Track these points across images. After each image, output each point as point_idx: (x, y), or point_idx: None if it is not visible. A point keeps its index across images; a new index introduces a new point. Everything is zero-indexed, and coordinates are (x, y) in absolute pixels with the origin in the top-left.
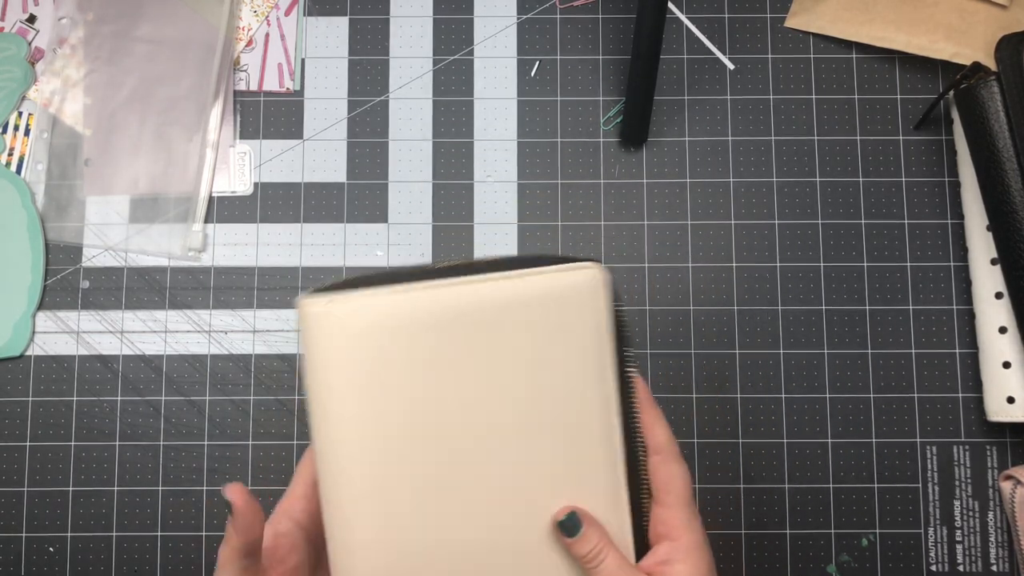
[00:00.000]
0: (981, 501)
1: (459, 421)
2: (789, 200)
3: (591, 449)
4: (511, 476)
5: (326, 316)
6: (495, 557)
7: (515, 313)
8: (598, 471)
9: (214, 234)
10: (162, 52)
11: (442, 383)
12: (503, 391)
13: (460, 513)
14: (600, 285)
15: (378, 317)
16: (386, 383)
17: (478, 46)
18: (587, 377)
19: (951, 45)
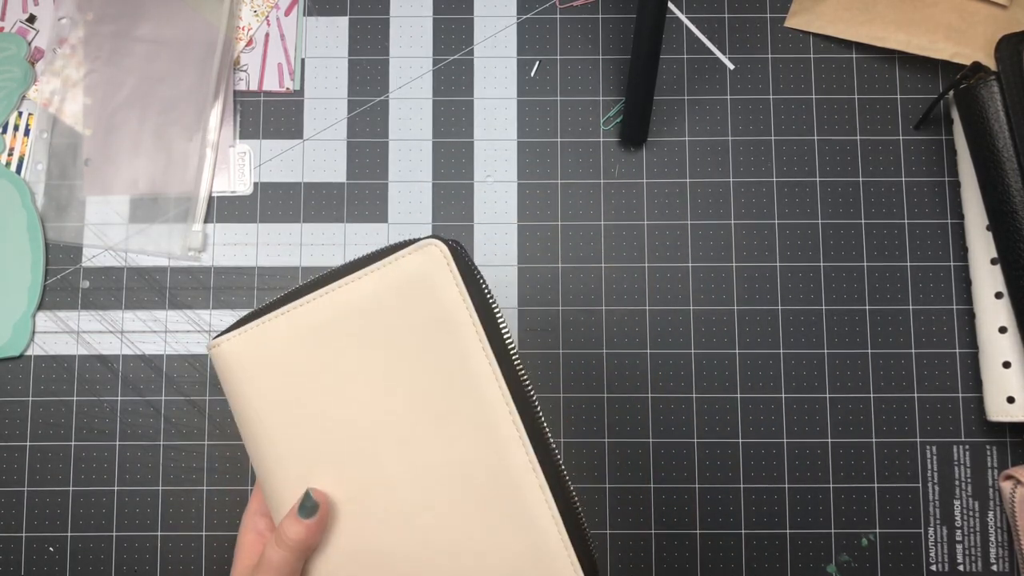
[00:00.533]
0: (981, 501)
1: (358, 411)
2: (789, 200)
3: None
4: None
5: (218, 355)
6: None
7: (373, 309)
8: (497, 444)
9: (214, 234)
10: (162, 52)
11: (342, 396)
12: (390, 380)
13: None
14: (444, 259)
15: (256, 345)
16: (286, 404)
17: (478, 46)
18: (463, 351)
19: (951, 45)
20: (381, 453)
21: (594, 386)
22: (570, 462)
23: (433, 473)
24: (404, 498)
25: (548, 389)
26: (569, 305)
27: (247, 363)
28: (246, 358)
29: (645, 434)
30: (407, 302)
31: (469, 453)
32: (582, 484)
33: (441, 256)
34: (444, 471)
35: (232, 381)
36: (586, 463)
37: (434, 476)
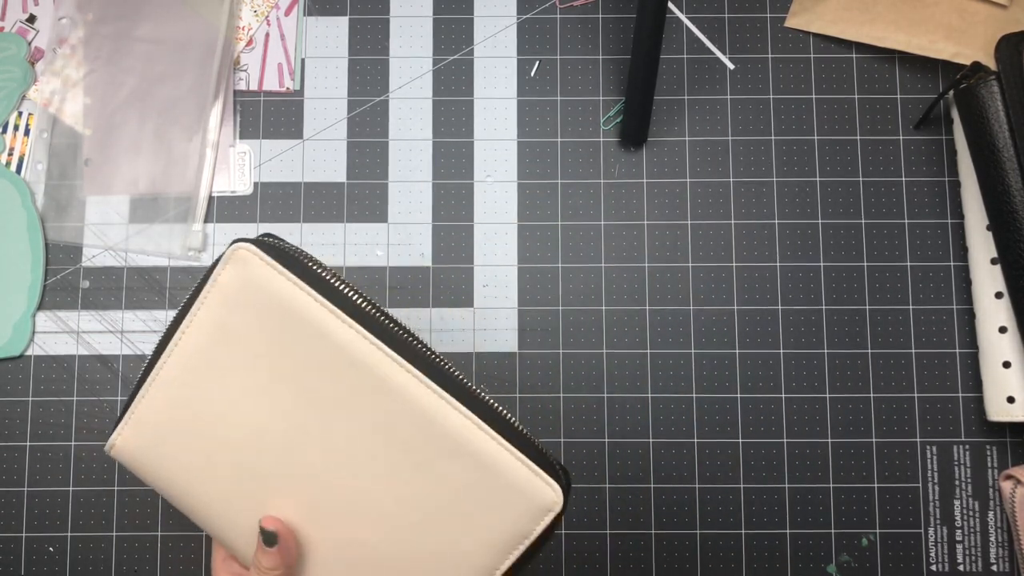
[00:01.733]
0: (981, 501)
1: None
2: (789, 200)
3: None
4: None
5: (118, 455)
6: None
7: (223, 336)
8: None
9: (214, 234)
10: (162, 52)
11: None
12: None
13: None
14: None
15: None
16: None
17: (478, 46)
18: (321, 328)
19: (951, 45)
20: (306, 457)
21: (594, 386)
22: (570, 462)
23: (361, 449)
24: (350, 484)
25: (548, 389)
26: (569, 305)
27: (145, 449)
28: (142, 445)
29: (645, 434)
30: (248, 313)
31: (381, 416)
32: (582, 484)
33: (250, 255)
34: (370, 443)
35: (141, 471)
36: (586, 463)
37: (364, 451)
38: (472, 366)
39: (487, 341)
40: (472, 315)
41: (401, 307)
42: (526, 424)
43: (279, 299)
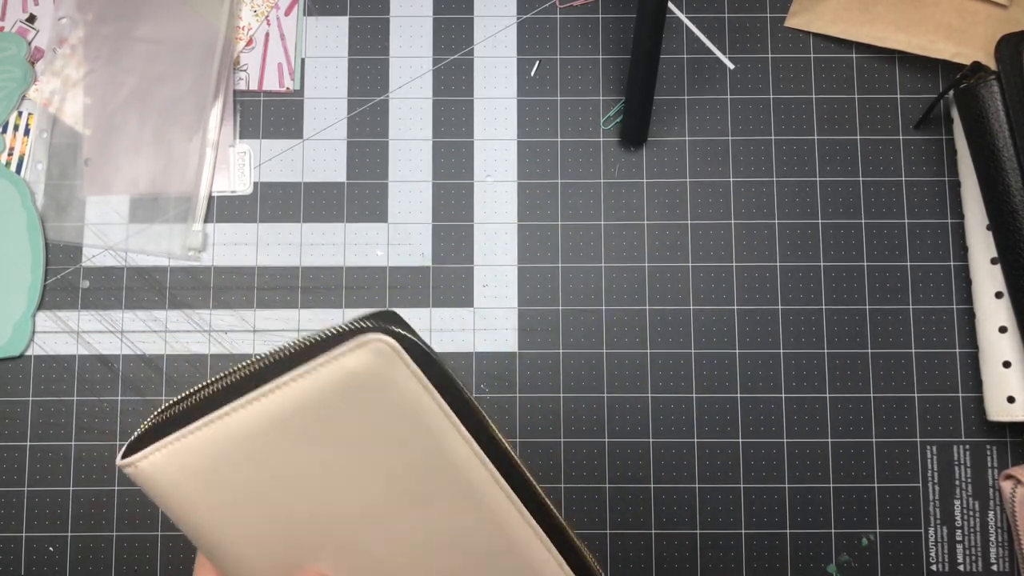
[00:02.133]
0: (981, 501)
1: (327, 505)
2: (789, 200)
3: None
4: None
5: (137, 474)
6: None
7: (317, 408)
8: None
9: (214, 234)
10: (162, 52)
11: (289, 485)
12: (355, 471)
13: None
14: (389, 355)
15: (182, 458)
16: (235, 505)
17: (478, 46)
18: (436, 437)
19: (951, 45)
20: (366, 540)
21: (594, 386)
22: (570, 462)
23: (427, 549)
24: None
25: (548, 389)
26: (569, 305)
27: (179, 483)
28: (176, 478)
29: (645, 434)
30: (357, 401)
31: (461, 527)
32: (582, 484)
33: (391, 352)
34: (438, 545)
35: (164, 498)
36: (586, 463)
37: (429, 551)
38: (472, 366)
39: (487, 341)
40: (472, 315)
41: (401, 307)
42: (526, 424)
43: (404, 400)
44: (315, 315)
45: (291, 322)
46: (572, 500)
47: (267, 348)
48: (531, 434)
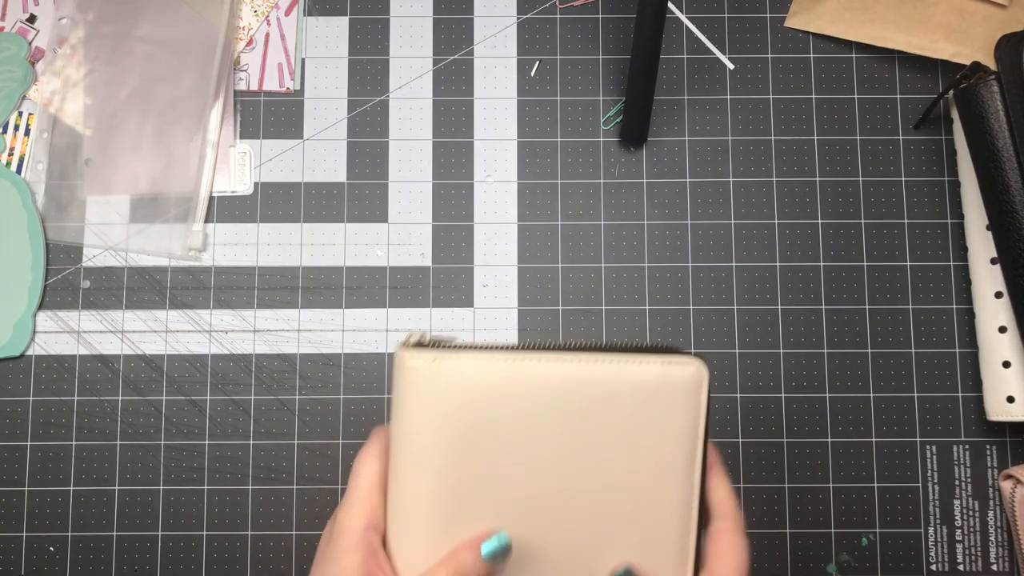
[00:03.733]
0: (981, 501)
1: (536, 495)
2: (789, 200)
3: (665, 542)
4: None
5: (429, 373)
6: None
7: (614, 397)
8: (672, 550)
9: (214, 234)
10: (162, 52)
11: (528, 456)
12: (585, 471)
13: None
14: (702, 383)
15: (479, 381)
16: (472, 446)
17: (478, 46)
18: (673, 470)
19: (951, 45)
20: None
21: None
22: None
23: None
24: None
25: None
26: (569, 305)
27: (446, 388)
28: (448, 382)
29: None
30: (648, 406)
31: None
32: None
33: (702, 381)
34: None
35: (420, 399)
36: None
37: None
38: None
39: (487, 341)
40: (472, 315)
41: (401, 307)
42: None
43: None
44: (315, 315)
45: (291, 322)
46: None
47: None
48: None
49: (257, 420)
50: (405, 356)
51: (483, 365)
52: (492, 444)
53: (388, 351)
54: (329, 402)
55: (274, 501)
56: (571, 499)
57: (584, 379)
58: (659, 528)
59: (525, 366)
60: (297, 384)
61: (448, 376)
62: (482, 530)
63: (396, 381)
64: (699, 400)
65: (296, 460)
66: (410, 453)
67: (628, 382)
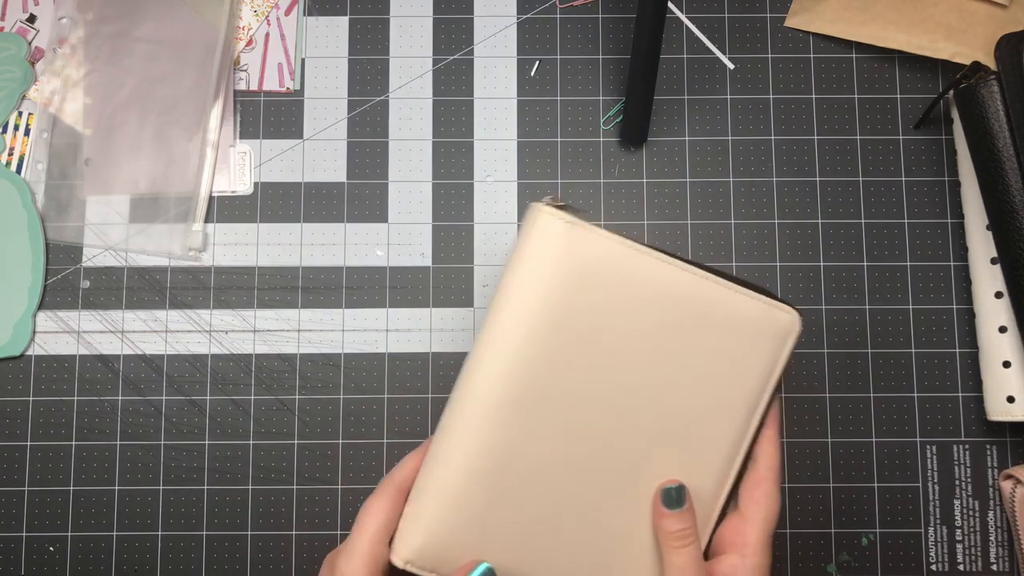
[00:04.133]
0: (981, 501)
1: (611, 386)
2: (789, 200)
3: (710, 467)
4: (630, 461)
5: (561, 233)
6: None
7: (714, 318)
8: (711, 481)
9: (214, 234)
10: (162, 52)
11: (617, 345)
12: (663, 377)
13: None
14: (795, 334)
15: (603, 257)
16: (574, 316)
17: (478, 46)
18: (738, 404)
19: (951, 45)
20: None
21: None
22: None
23: (626, 468)
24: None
25: None
26: None
27: (572, 254)
28: (575, 248)
29: None
30: (740, 337)
31: (669, 470)
32: None
33: (796, 332)
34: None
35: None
36: None
37: (624, 471)
38: None
39: None
40: (472, 315)
41: (401, 307)
42: None
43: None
44: (315, 315)
45: (291, 322)
46: None
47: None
48: None
49: (257, 420)
50: (543, 212)
51: (611, 244)
52: (592, 321)
53: (388, 351)
54: (329, 402)
55: (274, 501)
56: (640, 398)
57: (694, 292)
58: (709, 452)
59: (646, 260)
60: (297, 384)
61: (577, 243)
62: (494, 523)
63: (524, 236)
64: (784, 348)
65: (296, 460)
66: (519, 307)
67: (731, 309)
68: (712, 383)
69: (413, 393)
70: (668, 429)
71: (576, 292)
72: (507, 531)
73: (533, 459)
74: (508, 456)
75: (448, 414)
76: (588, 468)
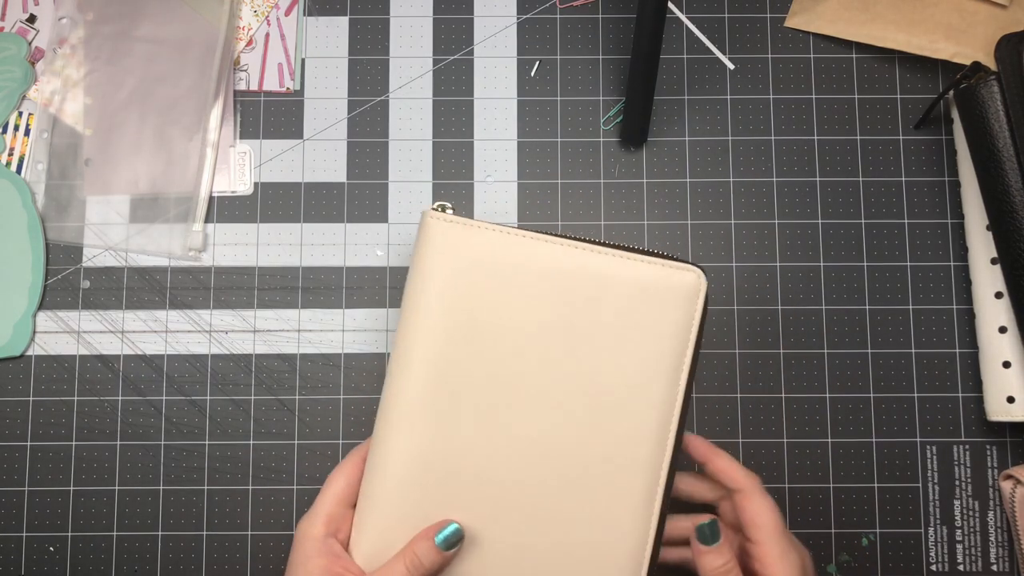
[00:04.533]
0: (981, 501)
1: (523, 375)
2: (789, 200)
3: (645, 430)
4: (560, 445)
5: (449, 233)
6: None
7: (614, 289)
8: (639, 470)
9: (214, 234)
10: (162, 52)
11: (521, 331)
12: (574, 356)
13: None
14: (699, 291)
15: (492, 249)
16: (474, 311)
17: (478, 46)
18: (659, 370)
19: (951, 45)
20: (522, 407)
21: None
22: None
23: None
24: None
25: None
26: None
27: (461, 250)
28: (463, 245)
29: None
30: (644, 305)
31: (604, 446)
32: None
33: (701, 290)
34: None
35: (436, 257)
36: None
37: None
38: None
39: None
40: None
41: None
42: None
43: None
44: (315, 315)
45: (291, 322)
46: None
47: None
48: None
49: (257, 420)
50: (430, 216)
51: (498, 237)
52: (490, 313)
53: (388, 351)
54: (329, 402)
55: (274, 501)
56: (555, 378)
57: (584, 266)
58: (640, 422)
59: (536, 245)
60: (297, 384)
61: (465, 239)
62: (435, 520)
63: (417, 241)
64: (694, 307)
65: (296, 460)
66: (414, 301)
67: (627, 277)
68: (627, 353)
69: None
70: (592, 404)
71: (469, 287)
72: None
73: (460, 457)
74: (434, 457)
75: (377, 422)
76: (517, 459)
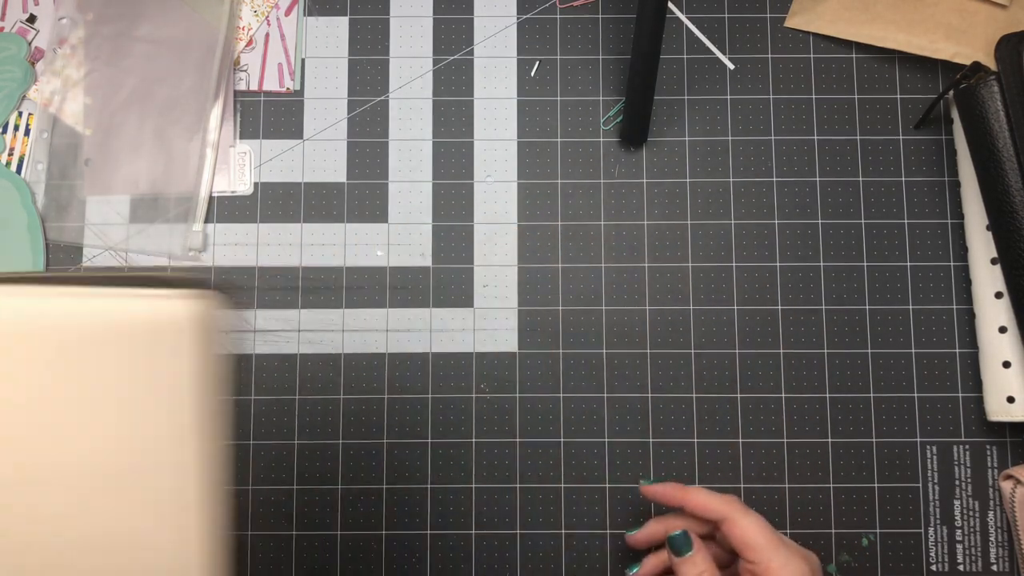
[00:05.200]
0: (981, 501)
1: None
2: (789, 200)
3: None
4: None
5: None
6: None
7: (103, 342)
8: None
9: (214, 234)
10: (162, 52)
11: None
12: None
13: None
14: (196, 321)
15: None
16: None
17: (478, 46)
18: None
19: (951, 45)
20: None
21: (594, 386)
22: (570, 462)
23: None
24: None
25: (548, 389)
26: (569, 305)
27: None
28: None
29: (645, 434)
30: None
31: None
32: (582, 484)
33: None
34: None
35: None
36: (586, 463)
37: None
38: (472, 366)
39: (487, 341)
40: (472, 315)
41: (401, 307)
42: (526, 424)
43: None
44: (315, 315)
45: (291, 322)
46: (572, 500)
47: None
48: (531, 434)
49: (258, 420)
50: None
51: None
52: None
53: (388, 351)
54: (329, 402)
55: (275, 501)
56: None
57: (66, 318)
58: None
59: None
60: (297, 384)
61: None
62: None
63: None
64: (188, 345)
65: (296, 460)
66: None
67: (119, 322)
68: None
69: (413, 393)
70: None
71: None
72: None
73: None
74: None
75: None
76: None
